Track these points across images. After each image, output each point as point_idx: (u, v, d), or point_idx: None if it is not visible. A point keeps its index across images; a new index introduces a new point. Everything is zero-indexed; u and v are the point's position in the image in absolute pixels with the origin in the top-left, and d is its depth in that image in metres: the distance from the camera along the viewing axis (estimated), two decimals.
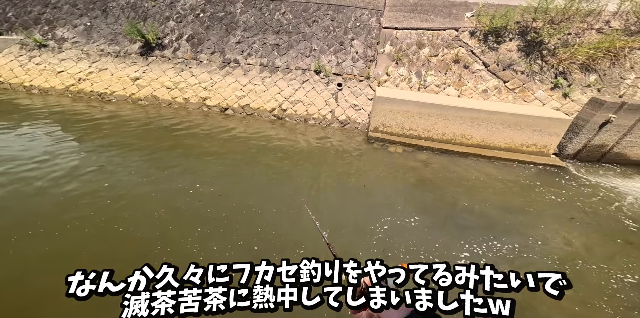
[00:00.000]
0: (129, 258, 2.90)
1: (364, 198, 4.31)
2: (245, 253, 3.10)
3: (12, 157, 4.40)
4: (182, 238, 3.21)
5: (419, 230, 3.69)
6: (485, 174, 5.38)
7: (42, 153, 4.60)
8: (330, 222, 3.67)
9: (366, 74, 7.57)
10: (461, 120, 6.05)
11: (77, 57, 8.39)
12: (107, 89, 7.69)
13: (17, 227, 3.17)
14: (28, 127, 5.61)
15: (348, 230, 3.57)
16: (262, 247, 3.19)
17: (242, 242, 3.23)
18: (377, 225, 3.68)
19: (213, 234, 3.33)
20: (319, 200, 4.15)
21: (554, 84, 6.93)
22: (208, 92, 7.57)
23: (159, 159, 4.88)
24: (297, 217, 3.63)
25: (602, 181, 5.41)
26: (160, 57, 8.29)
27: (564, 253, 3.51)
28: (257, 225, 3.47)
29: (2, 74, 8.04)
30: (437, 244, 3.49)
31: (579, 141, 6.05)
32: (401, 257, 3.22)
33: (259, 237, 3.33)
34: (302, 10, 8.53)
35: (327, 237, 1.15)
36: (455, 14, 8.05)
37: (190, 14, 8.86)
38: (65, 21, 9.11)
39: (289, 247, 3.17)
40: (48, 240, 3.04)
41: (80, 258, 2.89)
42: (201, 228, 3.37)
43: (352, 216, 3.85)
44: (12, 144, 4.90)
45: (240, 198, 3.91)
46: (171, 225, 3.38)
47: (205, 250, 3.08)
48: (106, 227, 3.28)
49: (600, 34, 7.15)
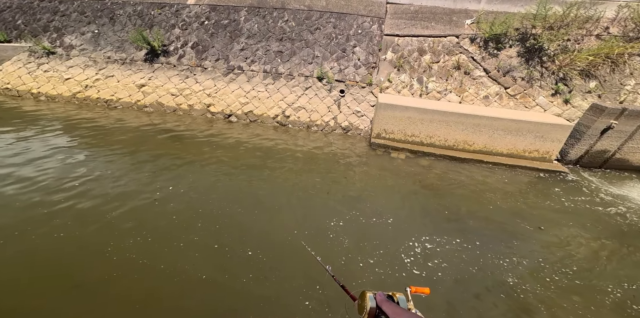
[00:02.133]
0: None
1: (366, 206, 4.35)
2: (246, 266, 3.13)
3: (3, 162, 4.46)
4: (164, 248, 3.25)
5: (421, 235, 3.72)
6: (488, 180, 5.41)
7: (34, 159, 4.65)
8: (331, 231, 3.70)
9: (368, 80, 7.67)
10: (463, 126, 6.11)
11: (85, 64, 8.56)
12: (113, 95, 7.82)
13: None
14: (32, 134, 5.71)
15: (352, 240, 3.60)
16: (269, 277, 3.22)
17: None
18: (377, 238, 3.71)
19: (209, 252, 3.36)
20: (321, 207, 4.19)
21: (555, 90, 6.99)
22: (212, 98, 7.68)
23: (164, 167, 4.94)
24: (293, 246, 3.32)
25: (605, 187, 5.43)
26: (165, 64, 8.44)
27: (568, 258, 3.53)
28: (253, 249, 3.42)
29: (10, 81, 8.20)
30: (439, 249, 3.51)
31: (581, 147, 6.09)
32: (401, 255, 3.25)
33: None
34: (305, 18, 8.68)
35: (331, 270, 1.17)
36: (455, 21, 8.18)
37: (195, 22, 9.04)
38: (74, 28, 9.32)
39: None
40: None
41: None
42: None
43: (355, 226, 3.88)
44: (11, 149, 4.97)
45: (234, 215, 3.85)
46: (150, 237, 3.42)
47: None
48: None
49: (599, 40, 7.25)
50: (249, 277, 2.91)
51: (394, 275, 3.11)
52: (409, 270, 3.18)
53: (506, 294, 2.99)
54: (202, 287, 2.77)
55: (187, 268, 2.95)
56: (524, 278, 3.20)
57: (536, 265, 3.41)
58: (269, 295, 2.74)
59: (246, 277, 2.90)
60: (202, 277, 2.86)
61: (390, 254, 3.36)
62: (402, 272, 3.13)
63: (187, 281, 2.81)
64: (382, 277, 3.05)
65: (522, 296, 2.98)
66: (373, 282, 2.96)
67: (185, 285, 2.78)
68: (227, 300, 2.70)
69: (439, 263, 3.29)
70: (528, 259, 3.49)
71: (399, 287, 0.99)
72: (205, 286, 2.78)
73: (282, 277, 2.94)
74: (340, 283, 1.01)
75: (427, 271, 3.18)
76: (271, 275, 2.95)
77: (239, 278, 2.89)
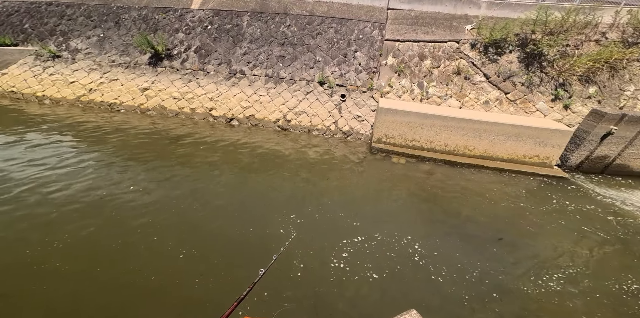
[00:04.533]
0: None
1: (369, 210, 4.37)
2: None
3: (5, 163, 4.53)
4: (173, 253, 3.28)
5: (419, 240, 3.73)
6: (488, 185, 5.43)
7: (32, 160, 4.73)
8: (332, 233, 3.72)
9: (369, 85, 7.73)
10: (463, 131, 6.14)
11: (89, 67, 8.68)
12: (117, 99, 7.92)
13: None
14: (33, 137, 5.78)
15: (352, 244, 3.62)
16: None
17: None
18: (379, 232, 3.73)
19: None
20: (318, 210, 4.21)
21: (555, 96, 7.03)
22: (214, 102, 7.76)
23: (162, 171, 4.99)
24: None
25: (605, 192, 5.43)
26: (168, 68, 8.54)
27: (568, 261, 3.53)
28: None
29: (16, 84, 8.32)
30: (436, 253, 3.53)
31: (581, 152, 6.10)
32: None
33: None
34: (307, 23, 8.79)
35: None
36: (455, 27, 8.26)
37: (198, 26, 9.17)
38: (80, 32, 9.46)
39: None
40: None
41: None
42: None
43: (357, 230, 3.90)
44: (11, 152, 5.04)
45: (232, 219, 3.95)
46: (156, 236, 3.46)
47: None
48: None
49: (598, 46, 7.30)
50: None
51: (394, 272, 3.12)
52: (410, 264, 3.19)
53: (504, 294, 3.00)
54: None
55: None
56: (519, 285, 3.20)
57: (531, 269, 3.41)
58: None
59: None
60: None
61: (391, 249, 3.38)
62: (399, 266, 3.15)
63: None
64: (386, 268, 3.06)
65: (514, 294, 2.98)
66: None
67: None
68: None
69: (431, 262, 3.30)
70: (524, 264, 3.50)
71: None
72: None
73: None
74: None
75: (418, 268, 3.19)
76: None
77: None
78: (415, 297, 2.97)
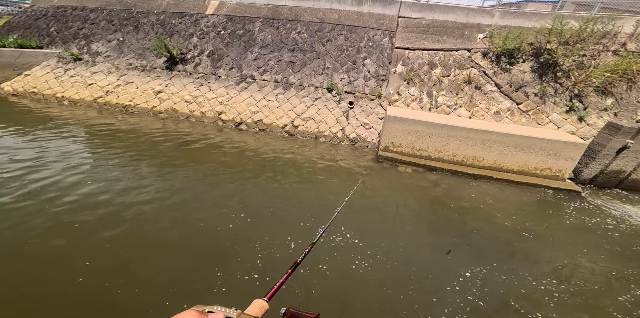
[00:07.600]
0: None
1: (371, 218, 4.35)
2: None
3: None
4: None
5: (424, 249, 3.68)
6: (497, 197, 5.31)
7: (42, 158, 4.93)
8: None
9: (377, 93, 7.74)
10: (473, 141, 6.05)
11: (108, 70, 9.03)
12: (132, 101, 8.19)
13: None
14: (46, 135, 6.04)
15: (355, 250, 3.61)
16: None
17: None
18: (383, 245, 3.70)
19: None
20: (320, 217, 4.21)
21: (569, 107, 6.85)
22: (224, 106, 7.92)
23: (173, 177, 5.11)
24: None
25: (619, 208, 5.22)
26: (182, 72, 8.79)
27: (578, 277, 3.40)
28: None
29: (37, 85, 8.73)
30: (442, 266, 3.47)
31: (595, 166, 5.90)
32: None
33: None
34: (317, 30, 8.91)
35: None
36: (467, 35, 8.20)
37: (212, 31, 9.43)
38: (101, 36, 9.89)
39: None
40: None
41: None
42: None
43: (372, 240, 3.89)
44: (22, 149, 5.28)
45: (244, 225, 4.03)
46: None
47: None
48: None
49: (616, 56, 7.09)
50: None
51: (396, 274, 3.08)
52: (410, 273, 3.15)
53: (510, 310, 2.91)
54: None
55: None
56: (525, 296, 3.11)
57: (539, 284, 3.30)
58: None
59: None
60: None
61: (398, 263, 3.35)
62: (402, 266, 3.11)
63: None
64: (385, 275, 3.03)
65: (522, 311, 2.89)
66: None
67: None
68: None
69: (435, 276, 3.25)
70: (532, 279, 3.39)
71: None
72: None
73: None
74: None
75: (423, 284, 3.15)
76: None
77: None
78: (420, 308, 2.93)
